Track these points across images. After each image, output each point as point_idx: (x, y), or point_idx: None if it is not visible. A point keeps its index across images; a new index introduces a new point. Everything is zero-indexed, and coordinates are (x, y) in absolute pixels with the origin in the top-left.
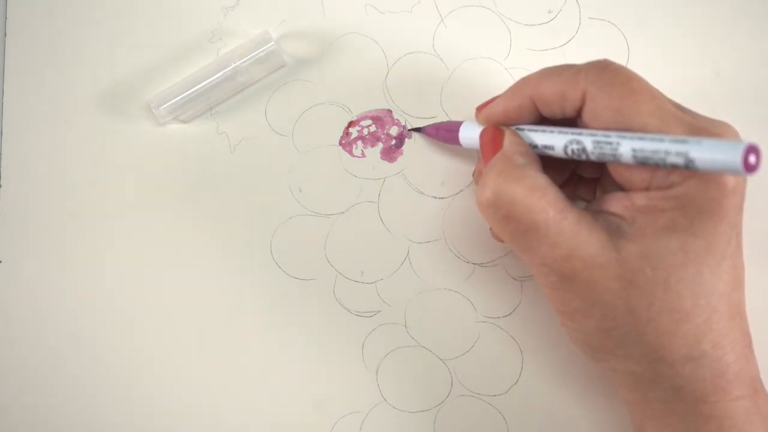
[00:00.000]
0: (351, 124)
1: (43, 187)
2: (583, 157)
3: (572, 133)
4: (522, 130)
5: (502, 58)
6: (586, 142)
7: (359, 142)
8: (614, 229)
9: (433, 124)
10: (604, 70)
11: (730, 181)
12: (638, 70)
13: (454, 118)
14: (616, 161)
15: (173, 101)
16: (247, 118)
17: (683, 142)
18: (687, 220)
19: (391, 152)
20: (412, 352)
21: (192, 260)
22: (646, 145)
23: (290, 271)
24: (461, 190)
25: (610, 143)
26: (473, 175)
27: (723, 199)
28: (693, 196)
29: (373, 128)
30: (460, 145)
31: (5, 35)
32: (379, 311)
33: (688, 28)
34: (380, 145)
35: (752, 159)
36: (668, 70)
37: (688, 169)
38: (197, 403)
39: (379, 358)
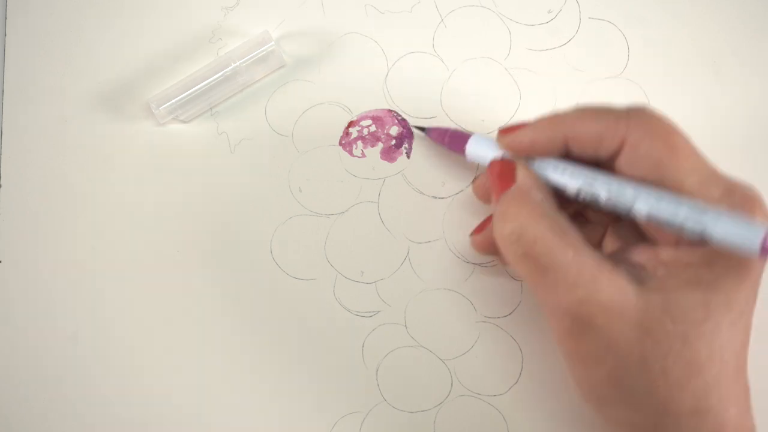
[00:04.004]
0: (351, 124)
1: (43, 187)
2: (595, 205)
3: (586, 178)
4: (533, 160)
5: (502, 58)
6: (600, 191)
7: (359, 142)
8: (635, 277)
9: (438, 128)
10: (647, 119)
11: None
12: (638, 70)
13: (454, 117)
14: (628, 217)
15: (173, 101)
16: (247, 118)
17: (702, 212)
18: (713, 275)
19: (391, 152)
20: (412, 352)
21: (192, 260)
22: (663, 207)
23: (290, 271)
24: (461, 190)
25: (625, 195)
26: (472, 183)
27: (751, 261)
28: (722, 254)
29: (373, 128)
30: (464, 155)
31: (5, 35)
32: (379, 311)
33: (688, 28)
34: (380, 145)
35: None
36: (668, 71)
37: (701, 238)
38: (197, 402)
39: (379, 358)
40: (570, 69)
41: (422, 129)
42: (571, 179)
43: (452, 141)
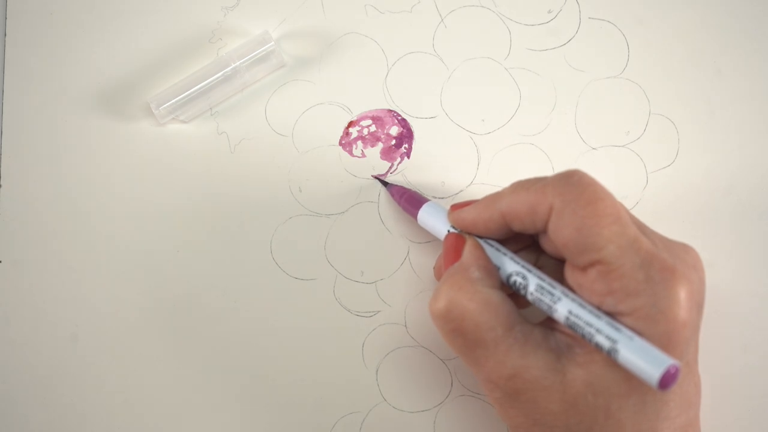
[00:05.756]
0: (351, 124)
1: (43, 187)
2: (522, 293)
3: (522, 267)
4: (485, 240)
5: (502, 58)
6: (530, 282)
7: (359, 142)
8: (564, 350)
9: (399, 187)
10: (571, 184)
11: (681, 315)
12: (638, 70)
13: (454, 117)
14: (549, 313)
15: (173, 101)
16: (247, 118)
17: (617, 330)
18: None
19: (391, 152)
20: (412, 352)
21: (192, 260)
22: (582, 314)
23: (290, 271)
24: (461, 190)
25: (552, 294)
26: (434, 269)
27: (672, 334)
28: (642, 330)
29: (373, 128)
30: (415, 218)
31: (5, 35)
32: (379, 311)
33: (688, 28)
34: (380, 145)
35: (668, 378)
36: (668, 70)
37: (609, 354)
38: (197, 402)
39: (379, 358)
40: (570, 69)
41: (384, 182)
42: (510, 263)
43: (407, 203)
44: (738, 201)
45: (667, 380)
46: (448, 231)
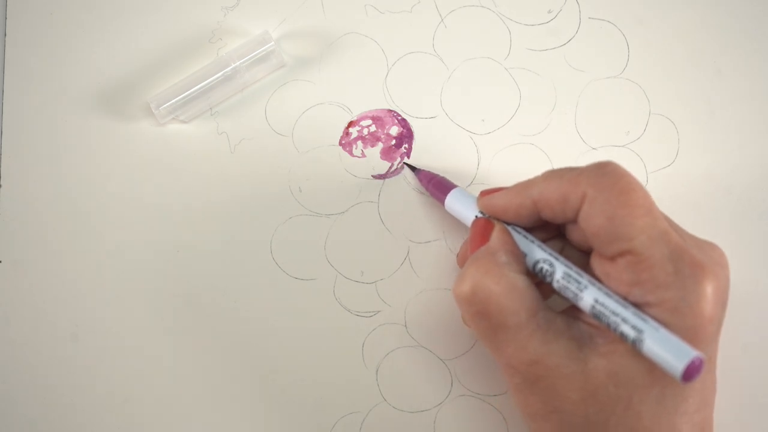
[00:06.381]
0: (351, 124)
1: (43, 187)
2: (548, 280)
3: (550, 255)
4: (513, 227)
5: (502, 58)
6: (557, 269)
7: (359, 142)
8: (586, 340)
9: (428, 173)
10: (605, 174)
11: (708, 310)
12: (638, 70)
13: (454, 117)
14: (574, 302)
15: (173, 101)
16: (247, 118)
17: (643, 320)
18: None
19: (391, 152)
20: (412, 352)
21: (192, 260)
22: (608, 303)
23: (290, 271)
24: None
25: (579, 282)
26: (457, 256)
27: (698, 329)
28: (668, 322)
29: (373, 128)
30: (443, 204)
31: (5, 35)
32: (379, 311)
33: (688, 28)
34: (380, 145)
35: (692, 370)
36: (668, 70)
37: (633, 344)
38: (197, 402)
39: (379, 358)
40: (570, 69)
41: (413, 168)
42: (537, 250)
43: (436, 188)
44: (738, 201)
45: (690, 372)
46: (476, 216)
